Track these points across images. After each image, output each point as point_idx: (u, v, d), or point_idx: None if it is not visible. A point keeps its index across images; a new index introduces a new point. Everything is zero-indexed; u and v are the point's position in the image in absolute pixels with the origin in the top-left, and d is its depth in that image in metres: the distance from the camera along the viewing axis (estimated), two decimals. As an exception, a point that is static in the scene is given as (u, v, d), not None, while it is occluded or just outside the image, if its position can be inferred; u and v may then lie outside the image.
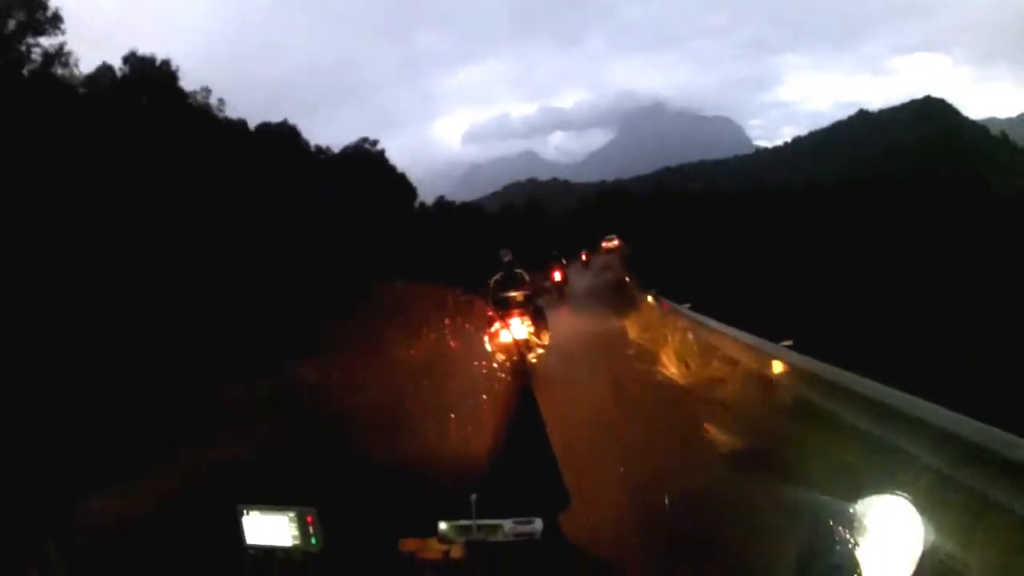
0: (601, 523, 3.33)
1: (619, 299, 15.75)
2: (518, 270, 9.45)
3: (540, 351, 9.06)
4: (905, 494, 1.15)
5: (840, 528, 1.13)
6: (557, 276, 19.22)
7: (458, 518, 1.48)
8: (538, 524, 1.45)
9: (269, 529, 1.63)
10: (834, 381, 4.49)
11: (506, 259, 9.41)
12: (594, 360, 9.61)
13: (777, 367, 5.53)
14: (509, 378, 1.49)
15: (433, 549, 1.52)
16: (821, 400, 4.60)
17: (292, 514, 1.61)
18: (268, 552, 1.62)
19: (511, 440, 1.58)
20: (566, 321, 13.12)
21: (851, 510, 1.15)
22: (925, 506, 1.14)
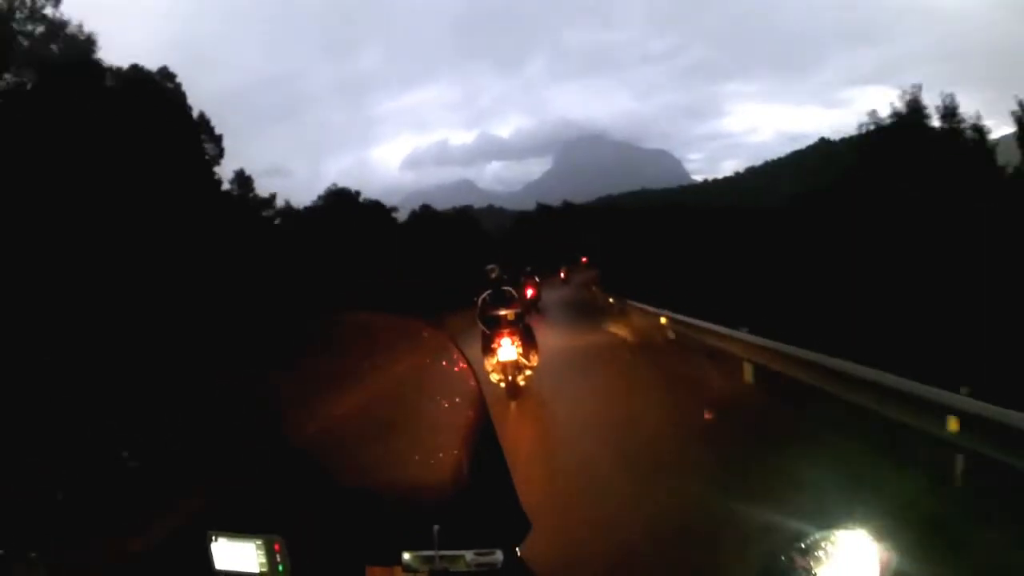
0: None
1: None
2: (506, 287, 9.20)
3: (528, 372, 8.92)
4: (864, 526, 1.18)
5: (798, 559, 1.16)
6: (529, 292, 19.39)
7: (421, 548, 1.54)
8: (498, 555, 1.52)
9: (237, 556, 1.67)
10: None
11: (493, 275, 9.13)
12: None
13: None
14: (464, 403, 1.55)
15: None
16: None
17: (260, 541, 1.66)
18: None
19: (471, 470, 1.63)
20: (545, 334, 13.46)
21: (810, 541, 1.18)
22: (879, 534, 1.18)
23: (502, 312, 8.96)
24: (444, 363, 1.85)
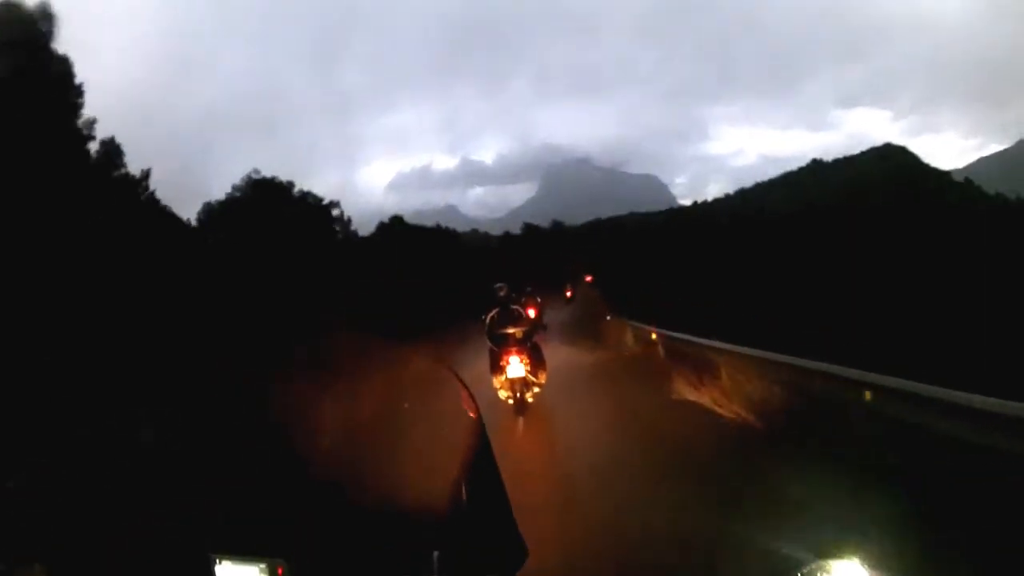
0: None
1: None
2: (515, 306, 9.39)
3: (536, 390, 9.13)
4: (857, 555, 1.19)
5: None
6: (531, 313, 19.47)
7: (421, 574, 1.56)
8: None
9: None
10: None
11: (501, 293, 9.27)
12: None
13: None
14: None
15: None
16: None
17: (263, 565, 1.67)
18: None
19: (471, 495, 1.66)
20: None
21: (805, 571, 1.19)
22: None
23: (510, 330, 9.11)
24: (444, 391, 1.88)
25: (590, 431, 8.15)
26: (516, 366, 8.80)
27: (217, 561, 1.72)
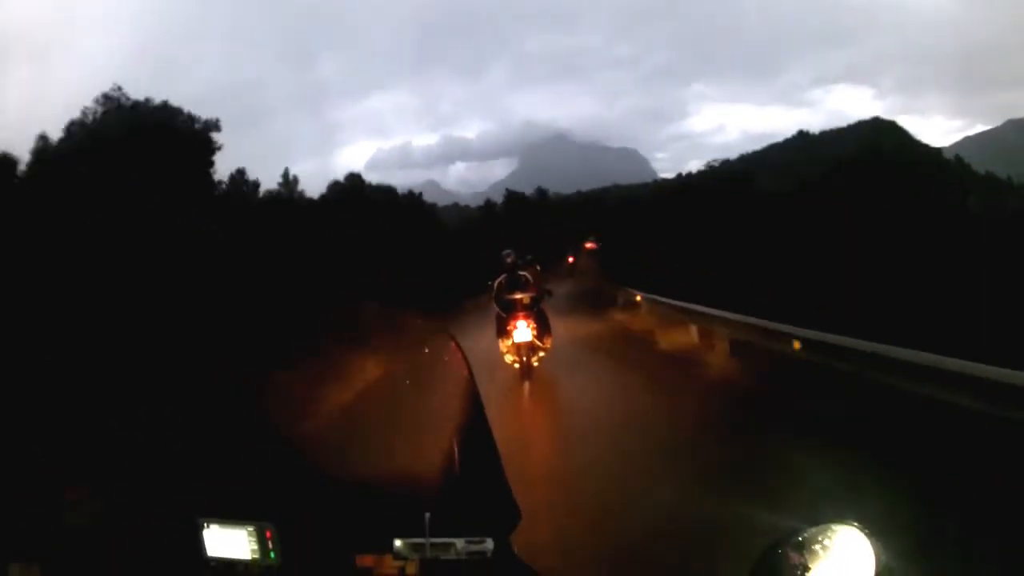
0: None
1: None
2: (522, 272, 9.56)
3: (542, 354, 9.38)
4: (857, 523, 1.18)
5: (793, 554, 1.16)
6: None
7: (412, 535, 1.55)
8: (489, 543, 1.53)
9: (229, 543, 1.68)
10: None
11: (509, 260, 9.50)
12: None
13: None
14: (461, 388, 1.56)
15: (388, 565, 1.58)
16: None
17: (251, 528, 1.66)
18: (228, 565, 1.67)
19: (463, 458, 1.64)
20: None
21: (803, 537, 1.18)
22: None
23: (518, 296, 9.33)
24: (437, 354, 1.85)
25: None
26: (523, 331, 9.01)
27: (205, 525, 1.71)
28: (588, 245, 42.48)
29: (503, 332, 9.36)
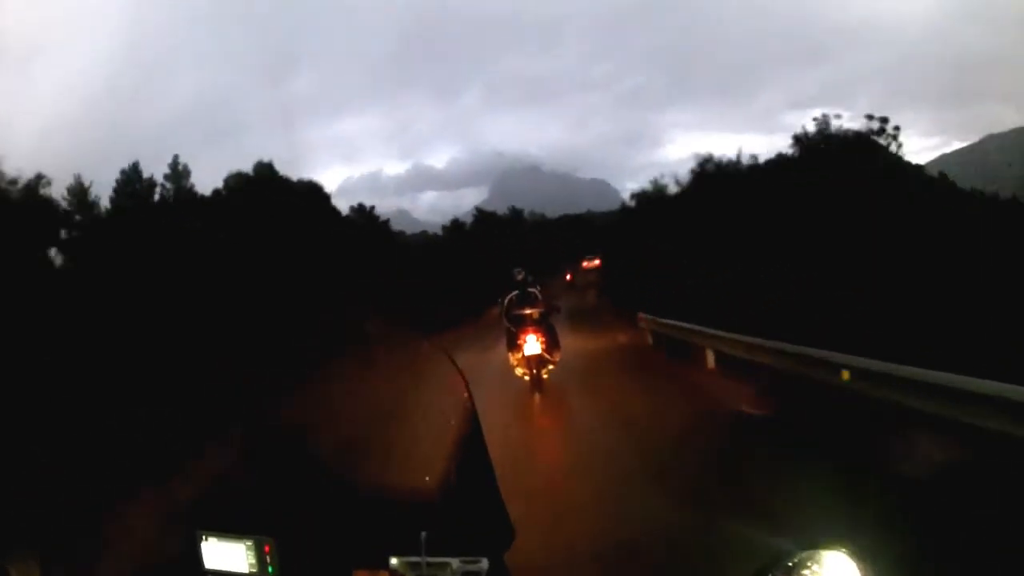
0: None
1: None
2: (531, 289, 10.03)
3: (551, 367, 9.80)
4: (847, 545, 1.17)
5: None
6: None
7: (409, 554, 1.57)
8: (484, 563, 1.56)
9: (227, 556, 1.70)
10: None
11: (519, 277, 9.97)
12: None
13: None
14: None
15: None
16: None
17: (250, 542, 1.69)
18: None
19: (460, 477, 1.66)
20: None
21: (791, 562, 1.18)
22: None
23: (527, 311, 9.80)
24: (436, 373, 1.88)
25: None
26: (533, 344, 9.41)
27: (204, 538, 1.73)
28: (586, 264, 40.62)
29: (513, 346, 9.76)
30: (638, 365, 12.56)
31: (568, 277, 36.48)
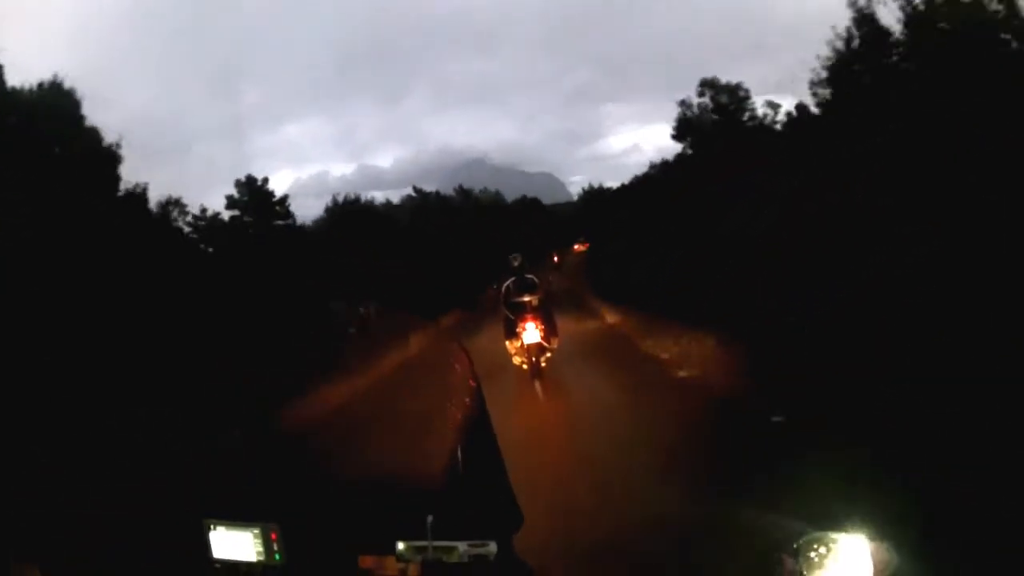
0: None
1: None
2: (529, 275, 9.81)
3: (549, 355, 9.62)
4: (859, 527, 1.17)
5: (789, 561, 1.17)
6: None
7: (415, 538, 1.56)
8: (492, 547, 1.54)
9: (234, 544, 1.70)
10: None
11: (516, 263, 9.75)
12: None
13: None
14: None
15: (391, 567, 1.59)
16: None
17: (257, 530, 1.68)
18: (233, 566, 1.70)
19: (466, 462, 1.65)
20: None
21: (802, 542, 1.17)
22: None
23: (526, 298, 9.54)
24: (441, 358, 1.86)
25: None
26: (532, 332, 9.22)
27: (211, 527, 1.73)
28: (577, 247, 39.55)
29: (512, 334, 9.59)
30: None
31: (555, 259, 36.45)
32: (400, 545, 1.58)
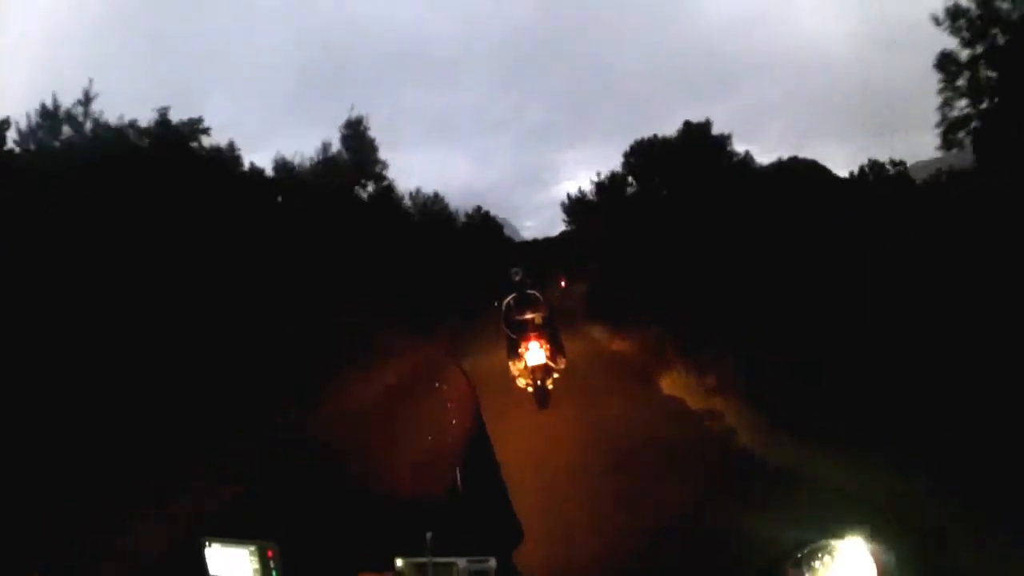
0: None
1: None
2: (531, 291, 9.22)
3: (556, 375, 8.96)
4: (861, 533, 1.15)
5: (793, 571, 1.16)
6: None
7: (415, 554, 1.54)
8: (492, 563, 1.51)
9: (230, 562, 1.67)
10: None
11: (518, 278, 9.11)
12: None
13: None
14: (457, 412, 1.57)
15: None
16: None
17: (253, 548, 1.66)
18: None
19: (465, 477, 1.65)
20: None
21: (806, 551, 1.17)
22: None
23: (528, 316, 8.94)
24: (440, 374, 1.87)
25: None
26: (536, 353, 8.61)
27: (207, 544, 1.71)
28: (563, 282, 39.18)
29: (514, 355, 8.99)
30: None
31: (563, 283, 36.39)
32: (399, 562, 1.56)
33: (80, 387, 7.46)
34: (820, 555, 1.14)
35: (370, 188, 32.68)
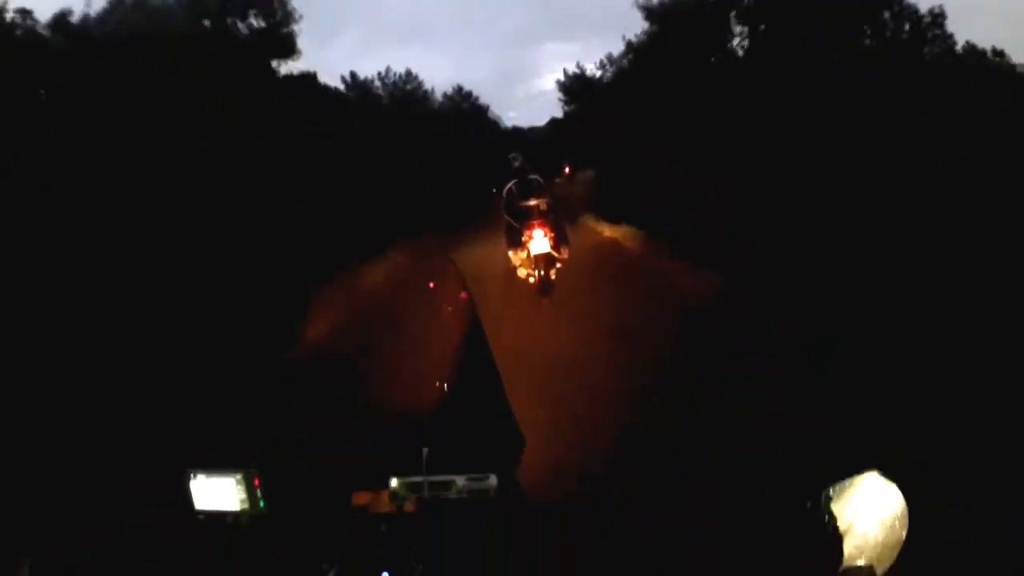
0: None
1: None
2: (532, 176, 8.66)
3: (559, 266, 8.48)
4: (881, 469, 1.19)
5: (819, 511, 1.19)
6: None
7: (410, 473, 1.44)
8: (492, 480, 1.41)
9: (216, 493, 1.59)
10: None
11: (517, 163, 8.60)
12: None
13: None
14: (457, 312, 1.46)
15: (386, 503, 1.48)
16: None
17: (239, 476, 1.57)
18: (218, 517, 1.59)
19: (462, 385, 1.54)
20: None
21: (829, 492, 1.20)
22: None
23: (532, 202, 8.32)
24: (439, 285, 1.71)
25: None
26: (540, 241, 8.09)
27: (192, 476, 1.62)
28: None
29: (516, 243, 8.46)
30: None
31: (567, 170, 35.41)
32: (394, 482, 1.45)
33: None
34: (846, 493, 1.20)
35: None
